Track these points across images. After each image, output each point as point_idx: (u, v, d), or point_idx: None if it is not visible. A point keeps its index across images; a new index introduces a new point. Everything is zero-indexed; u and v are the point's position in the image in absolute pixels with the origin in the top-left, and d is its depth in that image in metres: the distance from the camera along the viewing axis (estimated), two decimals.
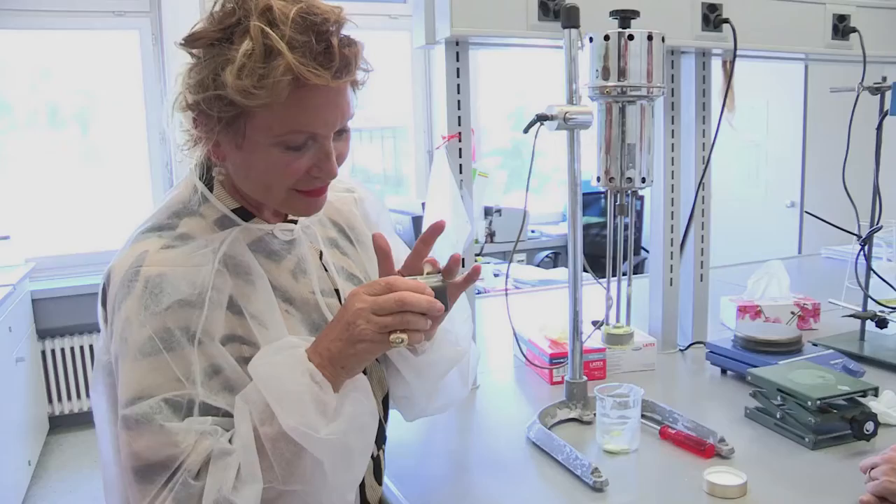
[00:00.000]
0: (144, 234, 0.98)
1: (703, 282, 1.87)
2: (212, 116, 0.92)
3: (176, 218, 1.00)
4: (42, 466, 3.61)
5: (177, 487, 0.86)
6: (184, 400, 0.89)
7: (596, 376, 1.67)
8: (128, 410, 0.88)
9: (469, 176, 1.59)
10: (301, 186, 0.99)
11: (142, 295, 0.91)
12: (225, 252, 0.98)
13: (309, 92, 0.90)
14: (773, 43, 1.81)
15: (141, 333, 0.90)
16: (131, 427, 0.88)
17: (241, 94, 0.88)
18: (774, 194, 4.45)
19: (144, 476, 0.87)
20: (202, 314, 0.93)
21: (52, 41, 4.08)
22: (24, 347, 3.52)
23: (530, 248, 5.02)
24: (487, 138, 5.46)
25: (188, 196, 1.03)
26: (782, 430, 1.36)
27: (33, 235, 4.07)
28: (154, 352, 0.90)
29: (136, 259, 0.94)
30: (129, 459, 0.88)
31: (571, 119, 1.29)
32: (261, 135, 0.93)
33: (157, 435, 0.87)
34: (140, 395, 0.88)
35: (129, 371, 0.90)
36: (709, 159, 1.78)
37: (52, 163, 4.19)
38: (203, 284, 0.94)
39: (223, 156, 0.99)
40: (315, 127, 0.94)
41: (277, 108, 0.90)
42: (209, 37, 0.91)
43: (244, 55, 0.87)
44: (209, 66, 0.90)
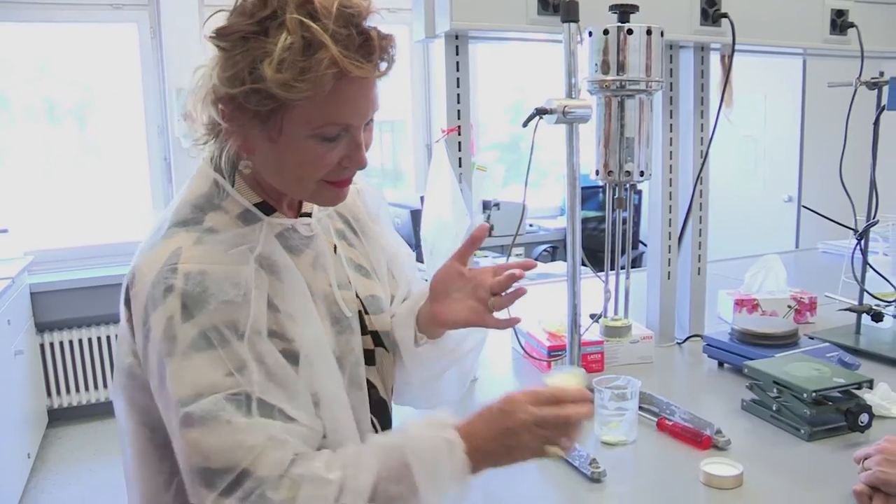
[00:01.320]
0: (172, 231, 0.96)
1: (700, 275, 1.88)
2: (247, 110, 0.91)
3: (200, 212, 0.98)
4: (41, 459, 3.62)
5: (252, 498, 0.85)
6: (242, 396, 0.88)
7: (594, 369, 1.68)
8: (191, 407, 0.86)
9: (468, 169, 1.60)
10: (331, 177, 0.99)
11: (184, 292, 0.89)
12: (260, 251, 0.98)
13: (348, 84, 0.90)
14: (772, 38, 1.82)
15: (189, 330, 0.89)
16: (195, 424, 0.86)
17: (281, 87, 0.87)
18: (772, 189, 4.46)
19: (207, 478, 0.86)
20: (248, 310, 0.92)
21: (50, 34, 4.07)
22: (22, 341, 3.52)
23: (528, 241, 5.02)
24: (486, 132, 5.46)
25: (209, 190, 1.01)
26: (778, 421, 1.37)
27: (32, 229, 4.07)
28: (206, 347, 0.88)
29: (171, 256, 0.92)
30: (192, 458, 0.87)
31: (570, 113, 1.30)
32: (298, 128, 0.92)
33: (225, 431, 0.86)
34: (199, 391, 0.87)
35: (182, 368, 0.88)
36: (707, 153, 1.79)
37: (51, 156, 4.20)
38: (246, 284, 0.93)
39: (251, 149, 0.97)
40: (351, 119, 0.94)
41: (317, 100, 0.89)
42: (242, 30, 0.89)
43: (284, 48, 0.86)
44: (245, 60, 0.89)
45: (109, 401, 4.10)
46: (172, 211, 1.00)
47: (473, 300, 1.13)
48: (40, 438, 3.76)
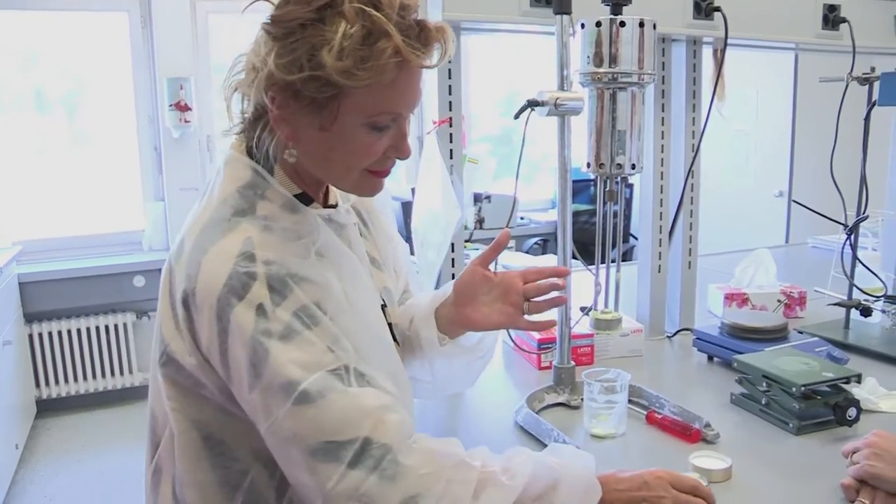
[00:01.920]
0: (234, 219, 0.94)
1: (690, 269, 1.88)
2: (303, 97, 0.91)
3: (251, 201, 0.97)
4: (29, 450, 3.61)
5: (384, 463, 0.86)
6: (342, 369, 0.89)
7: (584, 361, 1.68)
8: (307, 384, 0.86)
9: (459, 161, 1.59)
10: (375, 167, 1.00)
11: (269, 276, 0.89)
12: (319, 245, 0.99)
13: (406, 73, 0.92)
14: (764, 32, 1.82)
15: (282, 314, 0.88)
16: (314, 399, 0.86)
17: (342, 74, 0.87)
18: (763, 183, 4.47)
19: (329, 453, 0.85)
20: (330, 291, 0.94)
21: (39, 23, 4.04)
22: (11, 331, 3.50)
23: (520, 234, 5.02)
24: (477, 125, 5.45)
25: (252, 179, 0.99)
26: (767, 415, 1.37)
27: (21, 219, 4.04)
28: (302, 328, 0.89)
29: (244, 245, 0.91)
30: (310, 437, 0.86)
31: (562, 105, 1.30)
32: (353, 116, 0.93)
33: (344, 401, 0.87)
34: (308, 369, 0.87)
35: (285, 352, 0.87)
36: (698, 147, 1.79)
37: (40, 146, 4.17)
38: (320, 268, 0.95)
39: (297, 138, 0.97)
40: (403, 108, 0.96)
41: (376, 89, 0.90)
42: (300, 17, 0.89)
43: (344, 36, 0.87)
44: (303, 47, 0.89)
45: (99, 391, 4.12)
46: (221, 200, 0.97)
47: (505, 304, 1.17)
48: (28, 429, 3.74)
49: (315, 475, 0.86)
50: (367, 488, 0.85)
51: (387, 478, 0.85)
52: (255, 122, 0.99)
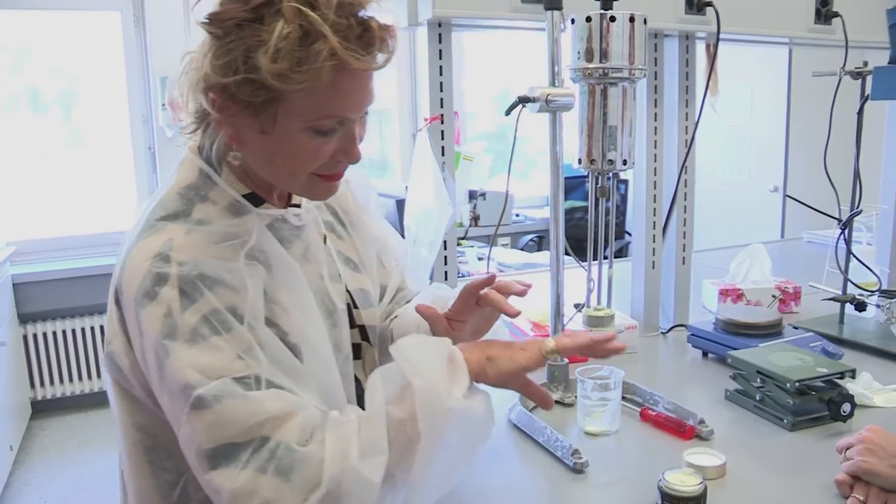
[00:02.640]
0: (161, 223, 0.92)
1: (685, 265, 1.88)
2: (240, 100, 0.88)
3: (188, 203, 0.95)
4: (24, 451, 3.59)
5: (278, 454, 0.82)
6: (251, 378, 0.85)
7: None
8: (202, 390, 0.82)
9: (451, 159, 1.59)
10: (323, 171, 0.96)
11: (180, 278, 0.86)
12: (253, 244, 0.95)
13: (347, 76, 0.87)
14: (757, 27, 1.81)
15: (190, 318, 0.85)
16: (209, 404, 0.82)
17: (277, 78, 0.83)
18: (758, 178, 4.47)
19: (227, 456, 0.82)
20: (246, 297, 0.90)
21: (33, 22, 4.02)
22: (5, 332, 3.48)
23: (515, 231, 5.02)
24: (473, 122, 5.45)
25: (196, 180, 0.98)
26: (761, 411, 1.37)
27: (15, 219, 4.02)
28: (210, 333, 0.85)
29: (162, 246, 0.89)
30: (209, 440, 0.83)
31: (553, 101, 1.29)
32: (292, 120, 0.89)
33: (241, 405, 0.83)
34: (208, 375, 0.84)
35: (187, 355, 0.84)
36: (691, 143, 1.79)
37: (34, 146, 4.14)
38: (240, 272, 0.91)
39: (242, 141, 0.94)
40: (348, 112, 0.92)
41: (314, 92, 0.86)
42: (237, 16, 0.85)
43: (280, 37, 0.83)
44: (239, 48, 0.85)
45: (94, 392, 4.11)
46: (158, 201, 0.96)
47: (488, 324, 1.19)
48: (23, 430, 3.73)
49: (215, 478, 0.83)
50: (266, 485, 0.82)
51: (282, 472, 0.82)
52: (203, 122, 0.98)
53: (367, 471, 0.83)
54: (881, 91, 1.54)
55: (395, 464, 0.86)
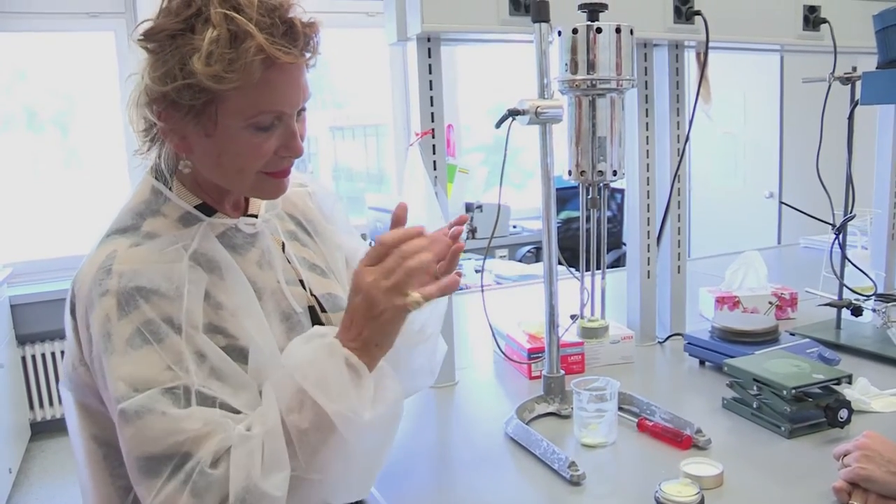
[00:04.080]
0: (109, 238, 0.98)
1: (680, 273, 1.87)
2: (181, 106, 0.93)
3: (139, 218, 1.00)
4: (24, 473, 3.57)
5: (194, 476, 0.85)
6: (180, 389, 0.89)
7: (574, 370, 1.67)
8: (126, 404, 0.86)
9: (443, 172, 1.59)
10: (269, 168, 1.01)
11: (118, 291, 0.90)
12: (195, 248, 0.99)
13: (276, 72, 0.93)
14: (745, 34, 1.82)
15: (125, 328, 0.89)
16: (131, 420, 0.86)
17: (212, 79, 0.89)
18: (753, 185, 4.47)
19: (150, 469, 0.86)
20: (182, 305, 0.93)
21: (28, 43, 4.03)
22: (3, 353, 3.48)
23: (512, 243, 5.01)
24: (468, 134, 5.45)
25: (148, 196, 1.03)
26: (759, 419, 1.36)
27: (11, 240, 4.02)
28: (142, 343, 0.89)
29: (106, 259, 0.93)
30: (132, 453, 0.87)
31: (543, 113, 1.29)
32: (232, 119, 0.94)
33: (161, 423, 0.86)
34: (135, 387, 0.87)
35: (119, 366, 0.88)
36: (683, 151, 1.79)
37: (30, 166, 4.15)
38: (179, 279, 0.94)
39: (189, 148, 0.99)
40: (283, 106, 0.97)
41: (248, 90, 0.92)
42: (169, 29, 0.91)
43: (211, 42, 0.89)
44: (174, 57, 0.91)
45: None
46: (113, 220, 1.01)
47: None
48: (23, 452, 3.72)
49: (139, 488, 0.87)
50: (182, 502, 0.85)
51: (197, 494, 0.85)
52: (151, 139, 1.02)
53: (269, 487, 0.86)
54: (871, 95, 1.54)
55: (304, 471, 0.89)
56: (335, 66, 4.95)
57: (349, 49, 4.84)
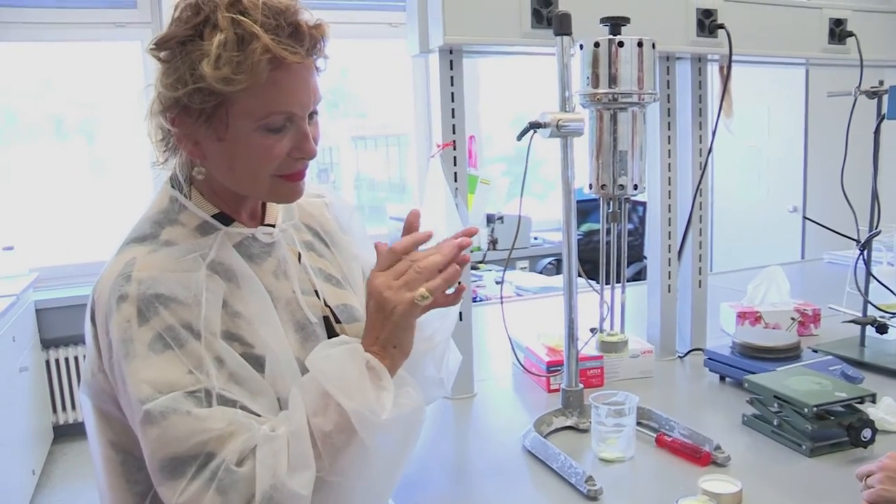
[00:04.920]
0: (128, 246, 0.99)
1: (701, 288, 1.86)
2: (192, 111, 0.95)
3: (157, 227, 1.01)
4: (46, 475, 3.61)
5: (219, 474, 0.86)
6: (202, 392, 0.90)
7: (593, 384, 1.66)
8: (150, 405, 0.87)
9: (464, 184, 1.59)
10: (283, 171, 1.02)
11: (138, 296, 0.92)
12: (213, 258, 1.00)
13: (284, 73, 0.95)
14: (770, 48, 1.81)
15: (146, 333, 0.91)
16: (156, 420, 0.87)
17: (221, 82, 0.91)
18: (777, 199, 4.43)
19: (174, 469, 0.87)
20: (200, 313, 0.94)
21: (55, 53, 4.10)
22: (27, 357, 3.52)
23: (533, 255, 5.00)
24: (490, 145, 5.45)
25: (166, 206, 1.04)
26: (779, 437, 1.35)
27: (37, 246, 4.07)
28: (163, 348, 0.90)
29: (125, 266, 0.95)
30: (157, 453, 0.88)
31: (564, 126, 1.29)
32: (243, 121, 0.96)
33: (185, 422, 0.87)
34: (159, 389, 0.88)
35: (141, 369, 0.89)
36: (705, 165, 1.78)
37: (57, 173, 4.21)
38: (197, 287, 0.95)
39: (203, 154, 1.01)
40: (292, 106, 0.98)
41: (257, 91, 0.94)
42: (179, 36, 0.94)
43: (219, 46, 0.91)
44: (185, 64, 0.93)
45: None
46: (131, 228, 1.02)
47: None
48: (45, 455, 3.75)
49: (163, 489, 0.88)
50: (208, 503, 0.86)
51: (222, 491, 0.86)
52: (168, 149, 1.04)
53: (295, 485, 0.88)
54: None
55: (327, 472, 0.91)
56: (358, 76, 4.98)
57: (372, 59, 4.87)
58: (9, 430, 3.06)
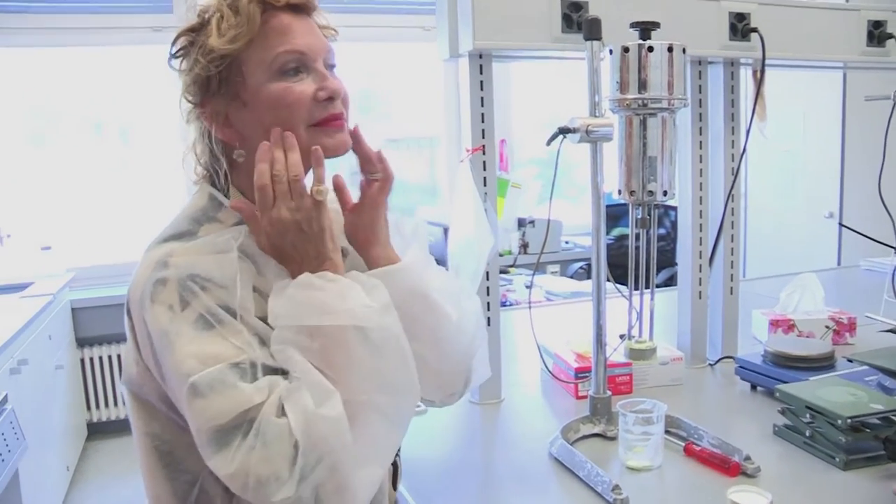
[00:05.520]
0: (165, 243, 0.99)
1: (732, 295, 1.84)
2: (211, 80, 1.00)
3: (196, 224, 1.02)
4: (80, 472, 3.67)
5: (262, 428, 0.87)
6: (247, 363, 0.91)
7: (622, 391, 1.64)
8: (196, 377, 0.88)
9: (493, 189, 1.58)
10: (316, 117, 1.02)
11: (177, 279, 0.93)
12: (243, 241, 1.01)
13: (278, 19, 1.01)
14: (805, 51, 1.78)
15: (188, 315, 0.92)
16: (202, 392, 0.88)
17: (227, 44, 0.98)
18: (812, 204, 4.35)
19: (221, 440, 0.87)
20: (236, 293, 0.95)
21: (95, 55, 4.19)
22: (63, 355, 3.59)
23: (564, 259, 4.97)
24: (523, 147, 5.43)
25: (205, 203, 1.05)
26: (812, 448, 1.32)
27: (74, 246, 4.15)
28: (206, 327, 0.92)
29: (163, 255, 0.96)
30: (203, 427, 0.88)
31: (594, 132, 1.29)
32: (257, 74, 1.00)
33: (232, 394, 0.88)
34: (204, 362, 0.89)
35: (185, 347, 0.90)
36: (737, 170, 1.75)
37: (94, 175, 4.29)
38: (231, 268, 0.97)
39: (237, 133, 1.03)
40: (296, 45, 1.01)
41: (259, 42, 0.99)
42: (185, 31, 1.03)
43: (217, 21, 1.00)
44: (195, 50, 1.01)
45: None
46: (168, 225, 1.03)
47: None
48: (80, 451, 3.82)
49: (213, 462, 0.88)
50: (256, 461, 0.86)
51: (267, 445, 0.86)
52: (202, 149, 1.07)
53: (325, 411, 0.89)
54: None
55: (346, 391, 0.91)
56: (391, 79, 5.00)
57: (405, 62, 4.89)
58: (45, 426, 3.11)
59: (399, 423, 0.98)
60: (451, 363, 1.17)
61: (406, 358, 0.98)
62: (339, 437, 0.89)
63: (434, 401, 1.21)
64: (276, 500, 0.86)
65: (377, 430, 0.94)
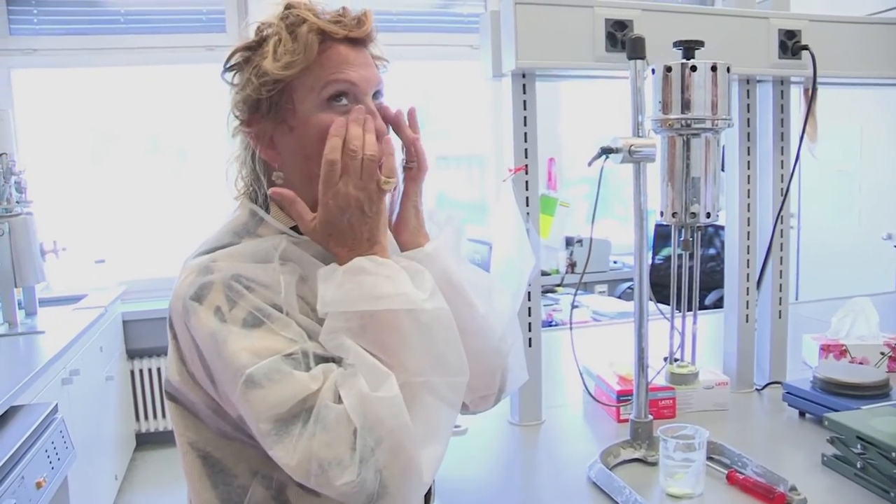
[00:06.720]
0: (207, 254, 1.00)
1: (781, 318, 1.79)
2: (262, 103, 1.01)
3: (237, 237, 1.04)
4: (128, 481, 3.74)
5: (321, 413, 0.88)
6: (299, 354, 0.92)
7: (665, 415, 1.61)
8: (253, 369, 0.89)
9: (535, 208, 1.58)
10: None
11: (224, 284, 0.94)
12: (284, 248, 1.01)
13: (335, 49, 1.01)
14: (858, 69, 1.73)
15: (237, 314, 0.93)
16: (259, 383, 0.89)
17: (282, 69, 0.98)
18: (869, 226, 4.22)
19: (280, 430, 0.88)
20: (281, 292, 0.97)
21: (152, 74, 4.32)
22: (114, 367, 3.67)
23: (612, 279, 4.91)
24: (574, 166, 5.39)
25: (246, 219, 1.07)
26: (863, 481, 1.27)
27: (127, 260, 4.26)
28: (255, 324, 0.93)
29: (206, 261, 0.97)
30: (261, 418, 0.89)
31: (636, 152, 1.27)
32: (306, 101, 1.01)
33: (289, 382, 0.89)
34: (258, 354, 0.90)
35: (237, 343, 0.91)
36: (786, 191, 1.71)
37: (148, 190, 4.39)
38: (273, 272, 0.98)
39: (280, 156, 1.05)
40: (348, 74, 1.01)
41: (313, 68, 1.00)
42: (241, 49, 1.04)
43: (275, 44, 1.00)
44: (249, 69, 1.02)
45: None
46: (208, 238, 1.05)
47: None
48: (128, 461, 3.89)
49: (275, 452, 0.89)
50: (318, 446, 0.87)
51: (328, 429, 0.87)
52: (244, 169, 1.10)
53: (382, 393, 0.89)
54: None
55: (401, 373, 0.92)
56: (441, 97, 5.03)
57: (454, 80, 4.92)
58: (95, 436, 3.18)
59: (453, 404, 0.98)
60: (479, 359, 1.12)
61: (456, 339, 0.98)
62: (396, 419, 0.89)
63: (467, 403, 1.18)
64: (339, 483, 0.86)
65: (434, 410, 0.95)
